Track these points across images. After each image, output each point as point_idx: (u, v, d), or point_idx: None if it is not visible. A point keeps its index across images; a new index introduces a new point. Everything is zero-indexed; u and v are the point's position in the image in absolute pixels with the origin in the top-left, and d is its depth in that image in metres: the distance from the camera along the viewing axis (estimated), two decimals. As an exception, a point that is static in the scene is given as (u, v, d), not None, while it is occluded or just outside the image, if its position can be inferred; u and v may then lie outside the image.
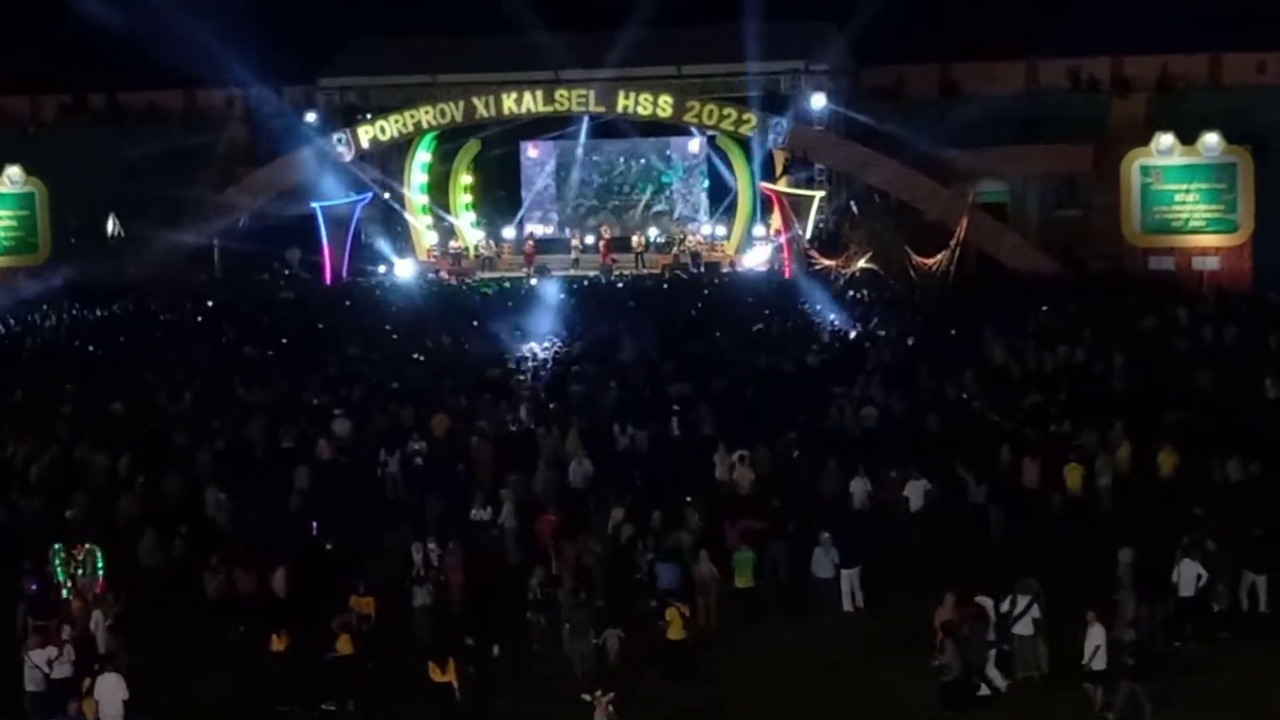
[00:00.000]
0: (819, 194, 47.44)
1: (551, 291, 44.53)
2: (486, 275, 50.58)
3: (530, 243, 52.41)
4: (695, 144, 53.44)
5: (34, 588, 21.93)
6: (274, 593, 22.03)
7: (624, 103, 47.65)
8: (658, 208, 54.10)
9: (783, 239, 47.61)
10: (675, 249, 51.53)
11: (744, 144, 49.86)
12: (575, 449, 27.62)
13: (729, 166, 52.48)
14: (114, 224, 46.90)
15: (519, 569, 22.95)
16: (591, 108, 48.30)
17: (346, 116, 49.82)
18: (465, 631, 20.04)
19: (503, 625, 21.01)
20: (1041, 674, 19.61)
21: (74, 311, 43.66)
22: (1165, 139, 44.24)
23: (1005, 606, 19.76)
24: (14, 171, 49.42)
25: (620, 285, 46.51)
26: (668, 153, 54.05)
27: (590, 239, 52.73)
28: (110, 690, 18.39)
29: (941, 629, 19.00)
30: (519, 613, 21.43)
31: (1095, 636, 18.73)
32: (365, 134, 49.10)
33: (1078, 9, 45.48)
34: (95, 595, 21.36)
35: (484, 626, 20.58)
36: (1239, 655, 20.20)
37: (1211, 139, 43.70)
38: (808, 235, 46.67)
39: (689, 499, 24.35)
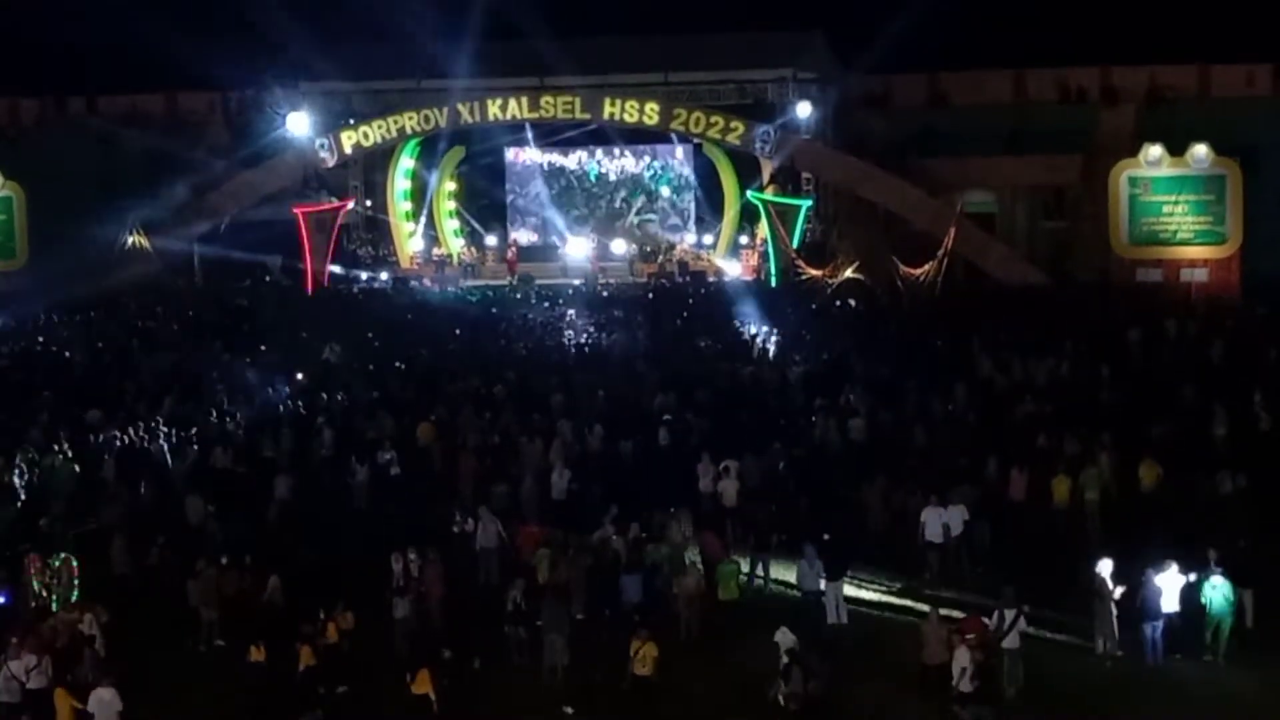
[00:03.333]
0: (806, 203, 47.16)
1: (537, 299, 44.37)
2: (470, 283, 50.19)
3: (512, 250, 52.05)
4: (681, 152, 53.14)
5: (4, 599, 21.54)
6: (255, 603, 21.72)
7: (610, 110, 47.32)
8: (646, 216, 53.78)
9: (769, 248, 47.27)
10: (661, 258, 51.21)
11: (730, 152, 49.55)
12: (558, 459, 27.30)
13: (715, 175, 52.16)
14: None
15: (499, 581, 22.62)
16: (577, 114, 47.93)
17: (330, 121, 49.39)
18: (444, 644, 19.79)
19: (482, 638, 20.70)
20: (1019, 689, 19.44)
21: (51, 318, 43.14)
22: (1154, 150, 44.15)
23: (994, 621, 19.56)
24: (-9, 175, 49.03)
25: (605, 294, 46.13)
26: (655, 161, 53.74)
27: (582, 247, 52.25)
28: (105, 704, 18.14)
29: (788, 655, 18.69)
30: (498, 625, 21.09)
31: (962, 658, 18.56)
32: (348, 139, 48.71)
33: (1066, 19, 45.39)
34: (83, 603, 21.07)
35: (464, 639, 20.33)
36: (1228, 670, 20.12)
37: (1200, 151, 43.63)
38: (794, 245, 46.38)
39: (672, 510, 24.04)
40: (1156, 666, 20.15)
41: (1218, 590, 20.40)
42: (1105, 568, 20.66)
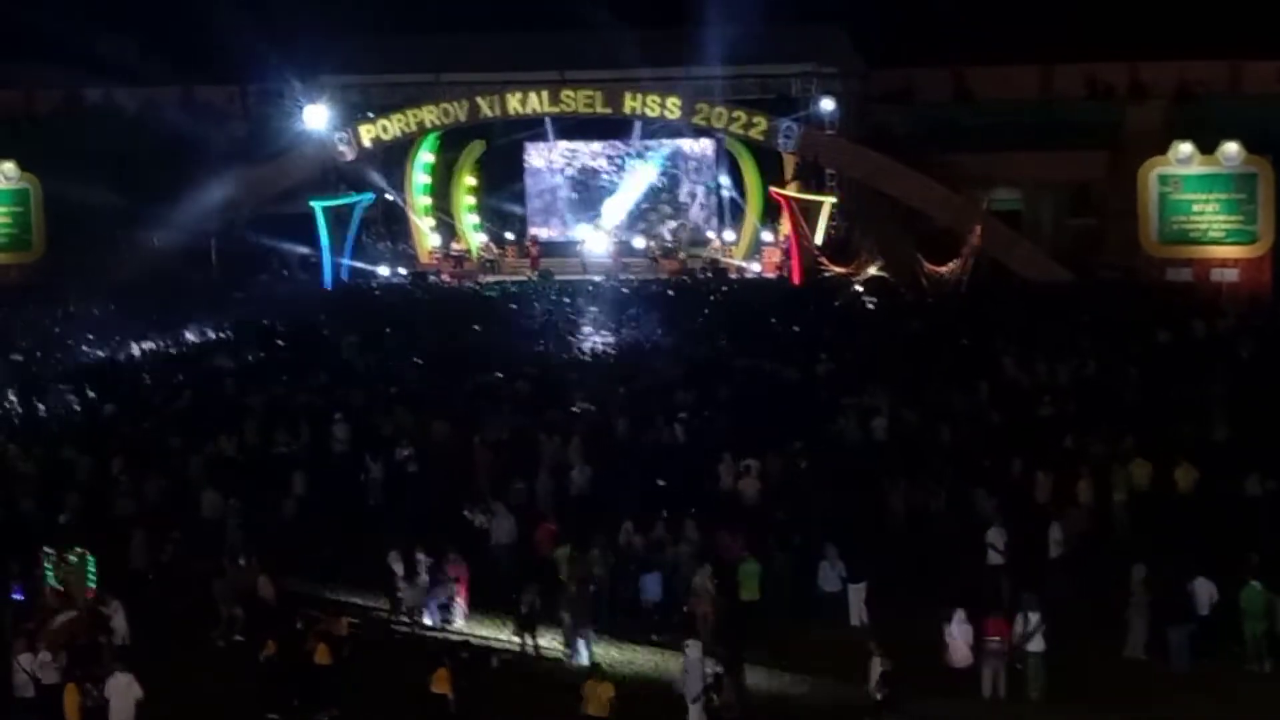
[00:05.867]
0: (829, 199, 46.66)
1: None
2: (489, 278, 49.88)
3: (533, 245, 51.69)
4: (703, 147, 52.63)
5: (17, 594, 21.35)
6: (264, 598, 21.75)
7: (631, 104, 46.95)
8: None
9: (791, 245, 46.81)
10: (683, 254, 50.78)
11: (753, 148, 49.10)
12: (577, 456, 26.96)
13: (738, 170, 51.66)
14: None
15: (516, 579, 22.31)
16: (598, 109, 47.57)
17: (348, 115, 49.11)
18: (462, 643, 19.74)
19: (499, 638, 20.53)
20: (1041, 693, 19.31)
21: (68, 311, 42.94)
22: (1184, 148, 43.58)
23: (1019, 625, 19.33)
24: (8, 167, 48.77)
25: (626, 290, 45.78)
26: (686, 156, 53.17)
27: (602, 243, 51.68)
28: (122, 690, 18.04)
29: (723, 666, 18.42)
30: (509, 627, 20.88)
31: (876, 667, 18.36)
32: (367, 133, 48.42)
33: (1094, 13, 44.81)
34: (102, 596, 21.10)
35: (483, 638, 20.41)
36: (1257, 675, 19.88)
37: (1231, 148, 43.06)
38: (818, 241, 45.90)
39: (691, 510, 23.70)
40: (1184, 671, 19.96)
41: (1256, 595, 20.03)
42: (1139, 572, 20.38)
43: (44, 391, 32.97)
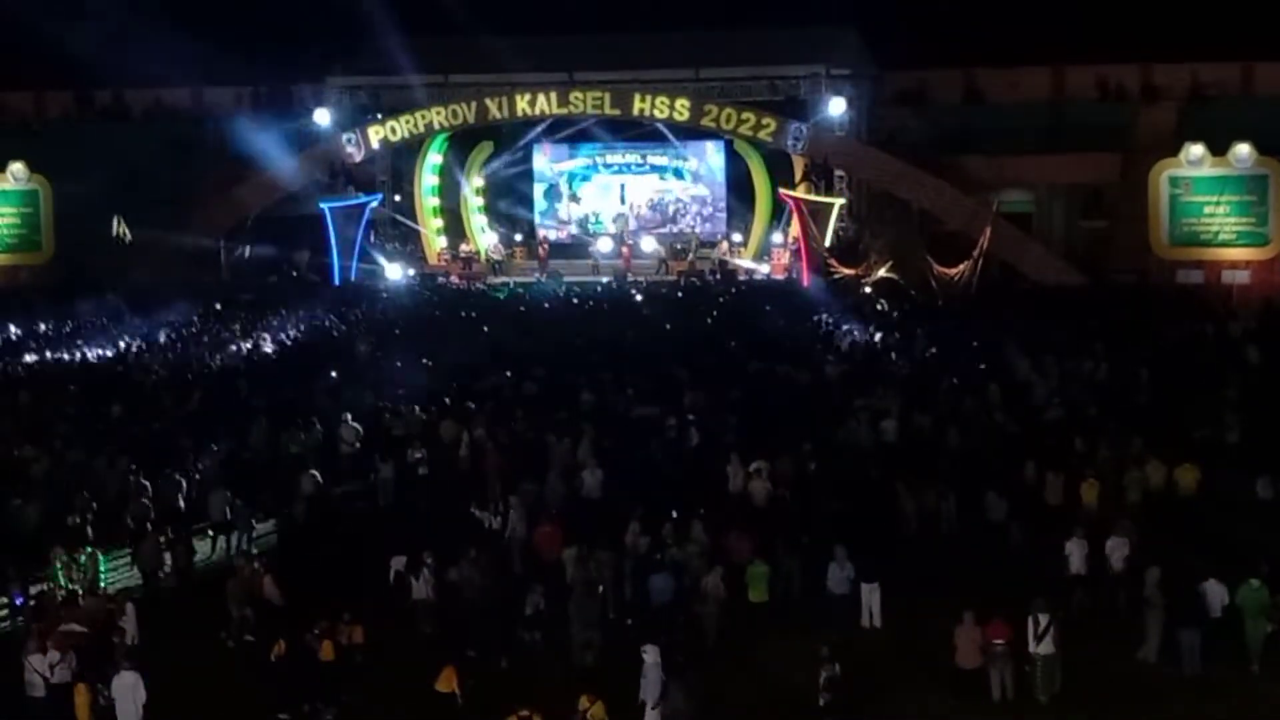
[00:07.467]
0: (839, 201, 46.55)
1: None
2: (497, 279, 49.86)
3: (543, 246, 51.70)
4: (712, 149, 52.63)
5: (18, 599, 21.29)
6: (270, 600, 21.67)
7: (640, 105, 46.95)
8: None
9: (800, 247, 46.74)
10: (691, 255, 50.73)
11: (762, 149, 49.02)
12: (587, 458, 26.87)
13: (747, 173, 51.62)
14: (118, 225, 46.14)
15: (523, 581, 22.27)
16: (606, 110, 47.63)
17: (357, 116, 49.13)
18: (470, 643, 19.68)
19: (505, 639, 20.55)
20: (1053, 696, 19.14)
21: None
22: (1195, 149, 43.53)
23: (1030, 627, 19.27)
24: (17, 168, 48.96)
25: (634, 292, 45.73)
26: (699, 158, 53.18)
27: (611, 244, 51.74)
28: (127, 689, 17.94)
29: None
30: (514, 628, 20.79)
31: (824, 672, 18.28)
32: (375, 134, 48.48)
33: (1105, 15, 44.70)
34: (111, 593, 21.06)
35: (489, 639, 20.22)
36: (1269, 680, 19.63)
37: (1243, 150, 43.02)
38: (827, 243, 45.82)
39: (700, 511, 23.61)
40: (1195, 673, 19.77)
41: (1254, 594, 19.94)
42: (1154, 574, 20.28)
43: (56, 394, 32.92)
